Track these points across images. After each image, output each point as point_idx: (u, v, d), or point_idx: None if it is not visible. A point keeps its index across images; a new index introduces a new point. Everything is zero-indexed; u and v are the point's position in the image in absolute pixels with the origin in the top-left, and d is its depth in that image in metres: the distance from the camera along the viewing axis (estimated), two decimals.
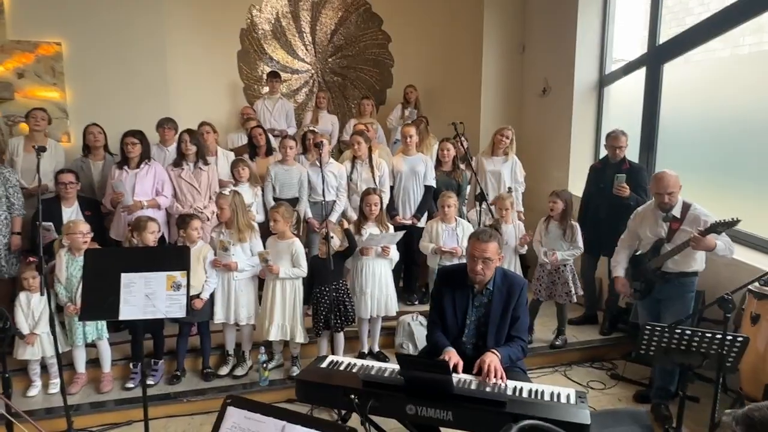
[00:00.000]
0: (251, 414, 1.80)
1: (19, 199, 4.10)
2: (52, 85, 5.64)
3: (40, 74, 5.61)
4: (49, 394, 3.75)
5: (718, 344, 2.62)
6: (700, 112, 4.91)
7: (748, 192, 4.26)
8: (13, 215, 4.06)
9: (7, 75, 5.51)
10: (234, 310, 3.94)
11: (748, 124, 4.35)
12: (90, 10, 5.57)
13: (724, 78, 4.85)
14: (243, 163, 4.53)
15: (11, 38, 5.47)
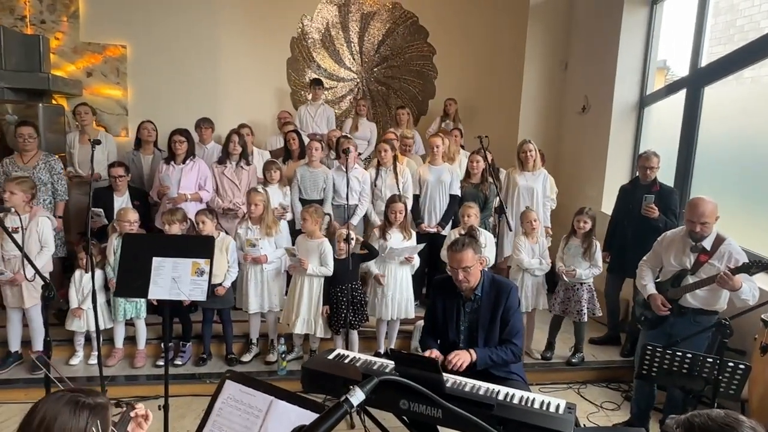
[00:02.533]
0: (245, 388, 1.99)
1: (62, 186, 4.36)
2: (115, 84, 6.07)
3: (106, 74, 6.04)
4: (90, 364, 4.01)
5: (718, 369, 2.61)
6: (741, 136, 4.77)
7: None
8: (57, 200, 4.32)
9: (78, 73, 5.97)
10: (267, 299, 4.09)
11: None
12: (153, 17, 5.94)
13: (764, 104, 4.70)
14: (275, 165, 4.64)
15: (83, 40, 5.93)
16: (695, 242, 3.20)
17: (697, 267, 3.20)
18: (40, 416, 1.25)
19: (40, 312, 3.77)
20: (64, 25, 5.89)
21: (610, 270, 4.69)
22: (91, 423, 1.28)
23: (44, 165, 4.28)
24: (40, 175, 4.25)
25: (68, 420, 1.25)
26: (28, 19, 5.80)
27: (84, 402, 1.31)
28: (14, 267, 3.66)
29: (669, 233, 3.49)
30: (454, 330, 2.98)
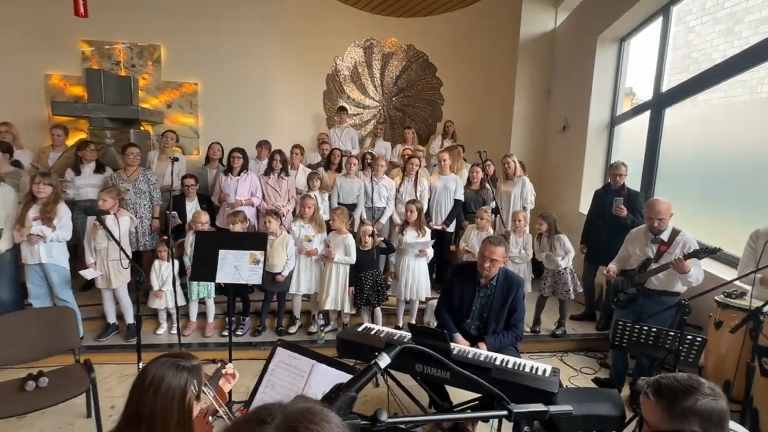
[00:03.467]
0: (293, 353, 2.01)
1: (157, 193, 4.45)
2: (189, 113, 6.18)
3: (182, 105, 6.17)
4: (171, 334, 4.09)
5: (679, 341, 2.54)
6: (697, 149, 4.65)
7: (733, 221, 4.00)
8: (154, 205, 4.42)
9: (160, 105, 6.10)
10: (314, 282, 4.12)
11: (736, 164, 4.10)
12: (219, 61, 6.05)
13: (719, 121, 4.58)
14: (316, 175, 4.68)
15: (164, 79, 6.06)
16: (654, 236, 3.19)
17: (658, 256, 3.17)
18: (150, 376, 1.30)
19: (126, 291, 3.89)
20: (150, 68, 6.03)
21: (587, 259, 4.62)
22: (189, 381, 1.33)
23: (143, 178, 4.38)
24: (141, 185, 4.34)
25: (172, 379, 1.30)
26: (122, 63, 5.95)
27: (183, 365, 1.35)
28: (103, 256, 3.73)
29: (635, 230, 3.48)
30: (467, 308, 2.95)
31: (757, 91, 5.42)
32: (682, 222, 3.31)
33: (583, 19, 6.01)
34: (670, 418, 1.20)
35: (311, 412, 0.48)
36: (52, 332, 2.81)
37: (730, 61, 4.03)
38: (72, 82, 5.84)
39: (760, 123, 4.01)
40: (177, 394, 1.29)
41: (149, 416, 1.25)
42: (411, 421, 0.91)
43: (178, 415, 1.29)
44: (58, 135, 4.86)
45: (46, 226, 3.47)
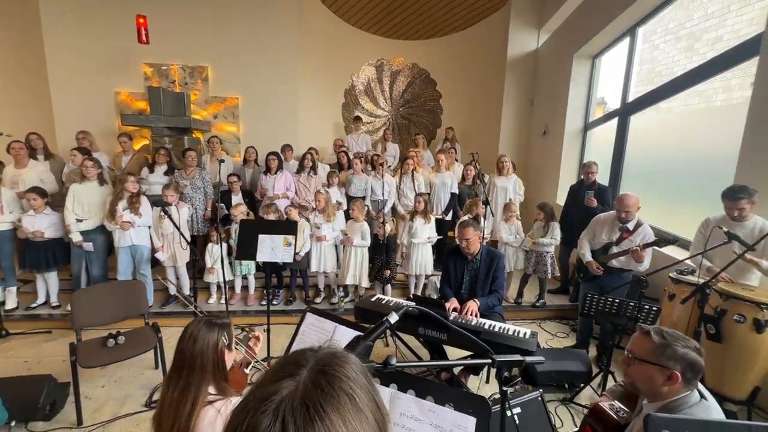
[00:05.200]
0: (320, 318, 2.07)
1: (210, 188, 4.53)
2: (232, 123, 6.23)
3: (226, 116, 6.22)
4: (220, 303, 4.18)
5: (638, 310, 2.56)
6: (658, 150, 4.60)
7: (681, 208, 3.98)
8: (207, 198, 4.49)
9: (208, 116, 6.16)
10: (323, 262, 4.14)
11: (692, 163, 4.05)
12: (256, 79, 6.07)
13: (678, 126, 4.51)
14: (335, 173, 4.71)
15: (211, 95, 6.12)
16: (622, 224, 3.16)
17: (619, 241, 3.17)
18: (189, 332, 1.36)
19: (186, 269, 4.01)
20: (199, 85, 6.09)
21: (563, 243, 4.58)
22: (219, 333, 1.38)
23: (199, 176, 4.46)
24: (197, 182, 4.41)
25: (206, 334, 1.35)
26: (177, 82, 6.02)
27: (215, 322, 1.41)
28: (169, 240, 3.86)
29: (602, 215, 3.44)
30: (460, 280, 3.01)
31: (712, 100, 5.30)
32: (644, 212, 3.28)
33: (561, 40, 5.92)
34: (660, 355, 1.25)
35: (336, 355, 0.53)
36: (127, 301, 2.93)
37: (689, 74, 3.96)
38: (137, 98, 5.93)
39: (714, 128, 3.95)
40: (211, 343, 1.34)
41: (190, 362, 1.30)
42: (414, 366, 0.97)
43: (213, 361, 1.33)
44: (124, 141, 4.95)
45: (134, 215, 3.62)
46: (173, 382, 1.29)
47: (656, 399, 1.27)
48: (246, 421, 0.45)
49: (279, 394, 0.47)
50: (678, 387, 1.22)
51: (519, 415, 2.06)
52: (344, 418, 0.46)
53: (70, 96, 5.74)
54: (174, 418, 1.23)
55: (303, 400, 0.47)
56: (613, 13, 4.64)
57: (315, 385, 0.48)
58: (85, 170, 3.72)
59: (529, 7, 6.50)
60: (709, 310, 2.37)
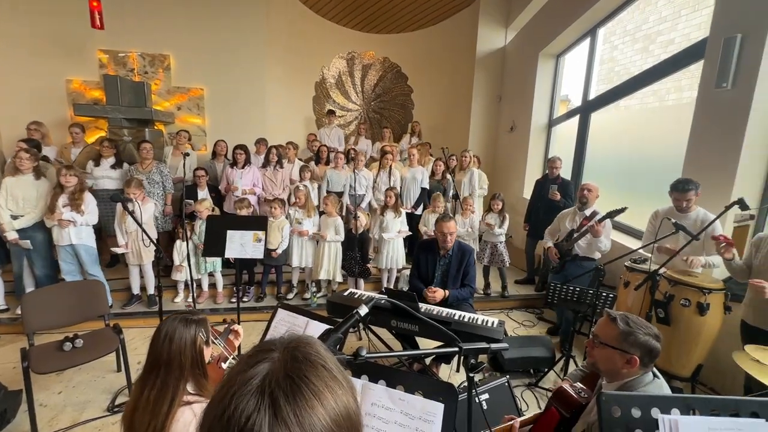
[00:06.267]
0: (291, 313, 2.05)
1: (169, 183, 4.34)
2: (197, 114, 6.00)
3: (191, 108, 5.97)
4: (187, 302, 4.05)
5: (596, 297, 2.71)
6: (617, 145, 4.85)
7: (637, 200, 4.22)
8: (166, 193, 4.33)
9: (171, 108, 5.90)
10: (304, 258, 4.12)
11: (646, 158, 4.30)
12: (222, 70, 5.86)
13: (635, 123, 4.77)
14: (307, 168, 4.65)
15: (174, 85, 5.86)
16: (582, 205, 3.42)
17: (580, 227, 3.37)
18: (164, 331, 1.31)
19: (151, 266, 3.85)
20: (161, 74, 5.80)
21: (529, 235, 4.77)
22: (197, 330, 1.34)
23: (157, 170, 4.27)
24: (154, 176, 4.23)
25: (182, 330, 1.31)
26: (136, 70, 5.71)
27: (191, 318, 1.37)
28: (134, 237, 3.67)
29: (565, 210, 3.67)
30: (431, 275, 3.06)
31: (665, 100, 5.64)
32: (602, 202, 3.50)
33: (527, 39, 6.09)
34: (623, 341, 1.34)
35: (302, 338, 0.55)
36: (84, 301, 2.77)
37: (644, 74, 4.17)
38: (91, 87, 5.57)
39: (666, 125, 4.20)
40: (188, 340, 1.30)
41: (167, 361, 1.26)
42: (384, 356, 0.99)
43: (191, 358, 1.30)
44: (77, 132, 4.63)
45: (75, 212, 3.38)
46: (149, 383, 1.25)
47: (615, 379, 1.37)
48: (231, 405, 0.45)
49: (258, 375, 0.47)
50: (636, 369, 1.32)
51: (487, 401, 2.14)
52: (327, 385, 0.48)
53: (13, 83, 5.31)
54: (150, 418, 1.19)
55: (286, 372, 0.47)
56: (576, 14, 4.82)
57: (293, 359, 0.49)
58: (18, 162, 3.39)
59: (497, 5, 6.63)
60: (659, 295, 2.55)
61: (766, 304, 2.15)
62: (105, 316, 2.87)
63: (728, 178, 2.85)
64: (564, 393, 1.61)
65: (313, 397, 0.46)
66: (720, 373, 2.75)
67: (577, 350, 3.23)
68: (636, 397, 0.94)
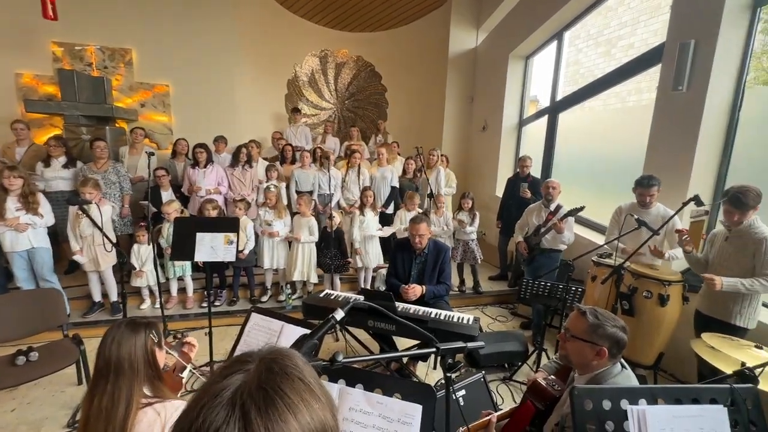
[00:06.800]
0: (265, 317, 2.00)
1: (127, 184, 4.13)
2: (162, 112, 5.74)
3: (155, 105, 5.71)
4: (155, 308, 3.89)
5: (566, 292, 2.80)
6: (583, 144, 5.03)
7: (602, 197, 4.41)
8: (123, 194, 4.11)
9: (134, 104, 5.61)
10: (276, 259, 4.04)
11: (610, 157, 4.48)
12: (188, 66, 5.63)
13: (599, 124, 4.96)
14: (273, 167, 4.56)
15: (137, 80, 5.58)
16: (548, 202, 3.56)
17: (546, 222, 3.49)
18: (111, 338, 1.25)
19: (112, 272, 3.65)
20: (122, 69, 5.51)
21: (502, 232, 4.87)
22: (147, 334, 1.29)
23: (113, 170, 4.05)
24: (110, 177, 4.01)
25: (131, 336, 1.25)
26: (95, 65, 5.39)
27: (139, 322, 1.31)
28: (90, 242, 3.45)
29: (532, 205, 3.80)
30: (407, 273, 3.06)
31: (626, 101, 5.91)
32: (570, 199, 3.64)
33: (497, 40, 6.22)
34: (593, 334, 1.39)
35: (281, 350, 0.53)
36: (39, 311, 2.59)
37: (607, 77, 4.35)
38: (44, 81, 5.20)
39: (628, 126, 4.40)
40: (138, 344, 1.26)
41: (117, 366, 1.21)
42: (361, 360, 0.98)
43: (144, 361, 1.25)
44: (21, 129, 4.22)
45: (32, 214, 3.16)
46: (99, 390, 1.19)
47: (586, 371, 1.41)
48: (199, 418, 0.43)
49: (231, 386, 0.45)
50: (605, 361, 1.38)
51: (464, 397, 2.17)
52: (303, 399, 0.47)
53: None
54: (106, 425, 1.14)
55: (260, 385, 0.46)
56: (543, 18, 4.97)
57: (269, 371, 0.48)
58: None
59: (468, 6, 6.73)
60: (624, 288, 2.67)
61: (719, 295, 2.29)
62: (63, 326, 2.69)
63: (684, 176, 3.02)
64: (538, 386, 1.65)
65: (287, 410, 0.44)
66: (679, 360, 2.91)
67: (549, 343, 3.33)
68: (606, 390, 0.97)
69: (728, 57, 2.84)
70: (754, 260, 2.20)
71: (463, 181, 6.13)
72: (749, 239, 2.22)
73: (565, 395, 1.57)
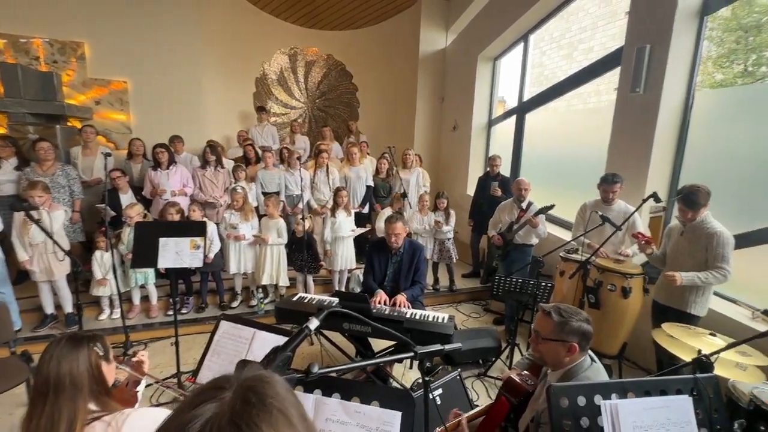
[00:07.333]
0: (235, 325, 1.92)
1: (78, 188, 3.84)
2: (120, 110, 5.41)
3: (112, 102, 5.37)
4: (113, 319, 3.67)
5: (536, 287, 2.87)
6: (549, 143, 5.20)
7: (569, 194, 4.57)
8: (74, 198, 3.84)
9: (88, 102, 5.25)
10: (243, 263, 3.91)
11: (574, 155, 4.66)
12: (148, 61, 5.34)
13: (564, 124, 5.14)
14: (240, 168, 4.42)
15: (90, 76, 5.22)
16: (519, 202, 3.65)
17: (518, 219, 3.60)
18: (50, 354, 1.14)
19: (66, 282, 3.41)
20: (74, 64, 5.13)
21: (474, 231, 4.95)
22: (90, 347, 1.19)
23: (62, 172, 3.75)
24: (59, 180, 3.71)
25: (71, 351, 1.16)
26: (42, 59, 4.99)
27: (81, 335, 1.21)
28: (41, 250, 3.20)
29: (503, 203, 3.87)
30: (383, 273, 3.04)
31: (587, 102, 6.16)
32: (537, 196, 3.76)
33: (466, 42, 6.32)
34: (561, 332, 1.41)
35: (262, 375, 0.48)
36: None
37: (569, 79, 4.51)
38: None
39: (588, 126, 4.58)
40: (81, 359, 1.16)
41: (56, 385, 1.11)
42: (338, 370, 0.94)
43: (89, 376, 1.16)
44: None
45: None
46: (37, 410, 1.08)
47: (559, 368, 1.44)
48: None
49: (201, 417, 0.41)
50: (576, 355, 1.41)
51: (441, 396, 2.18)
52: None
53: None
54: None
55: (232, 419, 0.41)
56: (509, 20, 5.09)
57: (244, 402, 0.43)
58: None
59: (437, 7, 6.79)
60: (590, 282, 2.77)
61: (675, 286, 2.42)
62: (10, 342, 2.47)
63: (643, 174, 3.18)
64: (512, 382, 1.68)
65: None
66: (640, 349, 3.07)
67: (521, 338, 3.41)
68: (581, 387, 0.98)
69: (680, 61, 3.01)
70: (707, 253, 2.34)
71: (435, 181, 6.18)
72: (702, 234, 2.36)
73: (538, 389, 1.60)
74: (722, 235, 2.30)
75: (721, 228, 2.33)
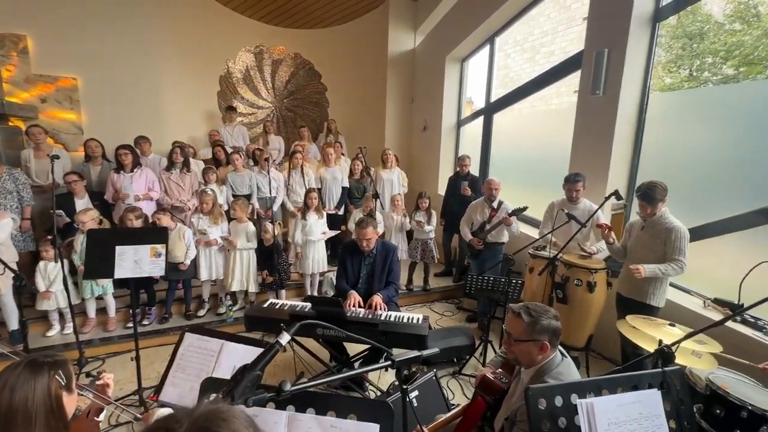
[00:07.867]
0: (202, 336, 1.80)
1: (27, 193, 3.54)
2: (69, 109, 5.04)
3: (60, 101, 4.99)
4: (65, 334, 3.40)
5: (507, 284, 2.92)
6: (516, 143, 5.33)
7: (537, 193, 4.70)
8: (23, 205, 3.54)
9: (32, 100, 4.85)
10: (215, 269, 3.76)
11: (540, 155, 4.80)
12: (101, 57, 5.01)
13: (529, 125, 5.29)
14: (211, 170, 4.25)
15: (35, 72, 4.83)
16: (490, 202, 3.71)
17: (490, 219, 3.67)
18: (3, 381, 1.01)
19: (11, 297, 3.11)
20: (15, 58, 4.72)
21: (445, 230, 5.00)
22: (51, 373, 1.06)
23: (8, 177, 3.43)
24: (6, 185, 3.40)
25: (29, 380, 1.03)
26: None
27: (41, 361, 1.08)
28: None
29: (474, 202, 3.93)
30: (357, 275, 2.99)
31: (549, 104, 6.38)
32: (506, 195, 3.85)
33: (434, 43, 6.38)
34: (532, 332, 1.41)
35: (218, 410, 0.42)
36: None
37: (532, 81, 4.63)
38: None
39: (552, 127, 4.73)
40: (38, 389, 1.04)
41: (6, 417, 0.98)
42: (311, 385, 0.89)
43: (45, 408, 1.03)
44: None
45: None
46: None
47: (532, 365, 1.46)
48: None
49: None
50: (548, 352, 1.43)
51: (417, 397, 2.16)
52: None
53: None
54: None
55: None
56: (476, 23, 5.17)
57: None
58: None
59: (405, 8, 6.81)
60: (558, 278, 2.85)
61: (635, 279, 2.53)
62: None
63: (604, 173, 3.32)
64: (487, 380, 1.69)
65: None
66: (605, 340, 3.20)
67: (494, 334, 3.46)
68: (557, 387, 0.99)
69: (635, 65, 3.16)
70: (665, 247, 2.47)
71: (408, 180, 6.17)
72: (661, 228, 2.49)
73: (512, 387, 1.61)
74: (680, 229, 2.43)
75: (678, 223, 2.46)
